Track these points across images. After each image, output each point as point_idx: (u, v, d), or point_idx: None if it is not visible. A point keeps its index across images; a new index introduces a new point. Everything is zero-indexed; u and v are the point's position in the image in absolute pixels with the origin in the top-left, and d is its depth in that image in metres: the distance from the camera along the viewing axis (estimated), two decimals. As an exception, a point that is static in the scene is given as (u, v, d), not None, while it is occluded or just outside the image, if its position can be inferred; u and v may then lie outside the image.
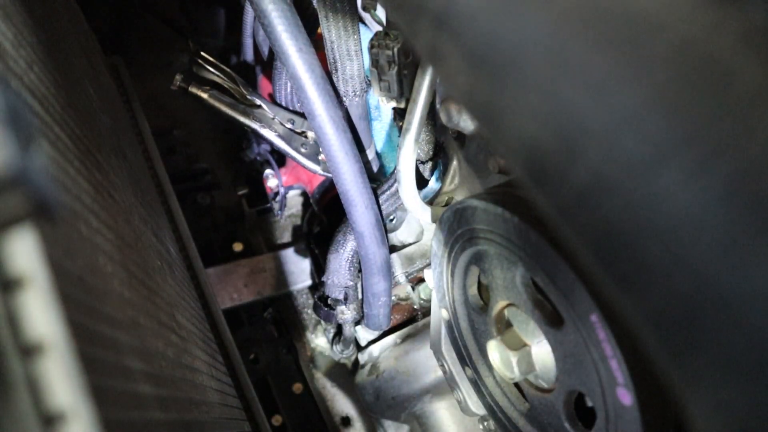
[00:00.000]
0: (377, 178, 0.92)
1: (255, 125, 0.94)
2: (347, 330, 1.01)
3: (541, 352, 0.57)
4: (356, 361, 1.09)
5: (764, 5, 0.25)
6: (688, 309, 0.25)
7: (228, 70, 0.91)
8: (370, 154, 0.87)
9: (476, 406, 0.75)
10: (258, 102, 0.91)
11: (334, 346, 1.09)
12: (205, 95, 0.88)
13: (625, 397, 0.45)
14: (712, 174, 0.23)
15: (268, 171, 1.16)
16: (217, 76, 0.90)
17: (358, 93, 0.74)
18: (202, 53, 0.90)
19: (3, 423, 0.24)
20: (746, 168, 0.23)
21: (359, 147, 0.83)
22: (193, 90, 0.89)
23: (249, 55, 1.16)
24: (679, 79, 0.25)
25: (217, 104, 0.89)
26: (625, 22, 0.26)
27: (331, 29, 0.72)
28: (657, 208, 0.25)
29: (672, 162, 0.24)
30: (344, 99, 0.79)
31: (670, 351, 0.26)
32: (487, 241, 0.56)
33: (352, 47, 0.72)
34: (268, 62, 1.10)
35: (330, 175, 0.83)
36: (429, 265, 0.75)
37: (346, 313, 0.96)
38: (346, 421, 1.16)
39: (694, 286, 0.24)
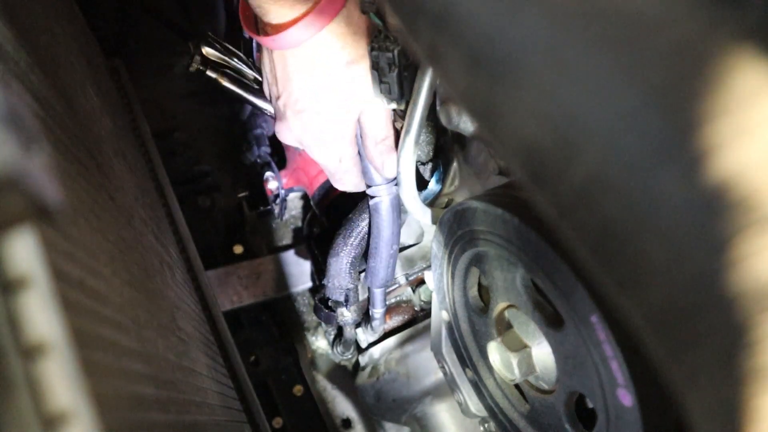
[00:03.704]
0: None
1: (268, 107, 0.94)
2: (348, 332, 1.01)
3: (542, 353, 0.57)
4: (357, 363, 1.08)
5: (762, 5, 0.25)
6: (688, 307, 0.25)
7: (239, 53, 0.91)
8: None
9: (477, 407, 0.75)
10: None
11: (334, 348, 1.09)
12: (221, 78, 0.89)
13: (626, 398, 0.45)
14: (710, 172, 0.23)
15: (268, 173, 1.16)
16: (229, 59, 0.90)
17: None
18: (213, 36, 0.90)
19: (3, 424, 0.24)
20: (743, 166, 0.23)
21: None
22: (210, 73, 0.89)
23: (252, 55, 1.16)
24: (677, 78, 0.25)
25: (232, 86, 0.89)
26: (623, 22, 0.26)
27: None
28: (655, 206, 0.25)
29: (670, 161, 0.24)
30: None
31: (669, 350, 0.26)
32: (487, 242, 0.56)
33: None
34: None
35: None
36: (429, 266, 0.75)
37: (346, 315, 0.96)
38: (347, 423, 1.16)
39: (693, 285, 0.24)
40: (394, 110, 0.78)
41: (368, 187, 0.84)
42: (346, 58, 0.72)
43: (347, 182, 0.84)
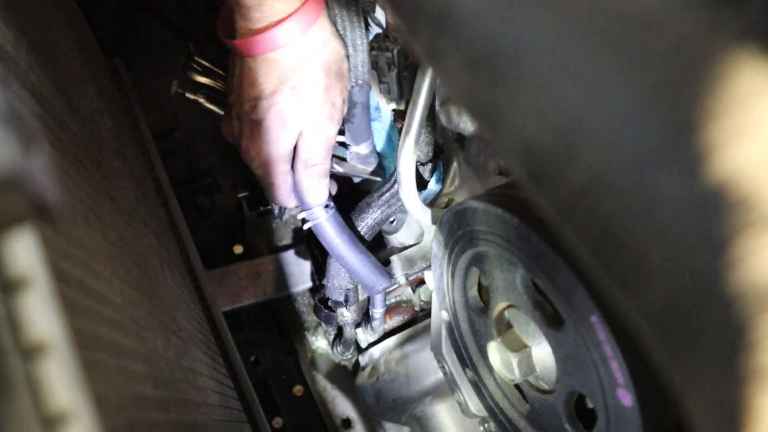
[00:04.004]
0: (377, 173, 0.93)
1: None
2: (348, 332, 1.01)
3: (542, 353, 0.57)
4: (357, 363, 1.08)
5: (762, 5, 0.25)
6: (688, 307, 0.25)
7: (222, 73, 0.92)
8: (368, 147, 0.89)
9: (477, 407, 0.75)
10: None
11: (334, 348, 1.09)
12: (201, 99, 0.90)
13: (626, 398, 0.45)
14: (710, 172, 0.23)
15: (268, 173, 1.16)
16: (212, 80, 0.91)
17: (360, 83, 0.80)
18: (197, 58, 0.92)
19: (3, 424, 0.24)
20: (743, 166, 0.23)
21: (358, 137, 0.86)
22: (190, 95, 0.90)
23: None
24: (677, 78, 0.25)
25: (214, 107, 0.90)
26: (622, 22, 0.26)
27: (342, 23, 0.77)
28: (655, 206, 0.25)
29: (670, 161, 0.24)
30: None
31: (669, 350, 0.26)
32: (487, 242, 0.56)
33: (358, 41, 0.77)
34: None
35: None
36: (429, 266, 0.75)
37: (346, 315, 0.96)
38: (347, 423, 1.16)
39: (693, 285, 0.24)
40: (394, 110, 0.78)
41: (302, 210, 0.85)
42: (293, 83, 0.74)
43: (272, 195, 0.86)
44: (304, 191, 0.83)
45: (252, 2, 0.70)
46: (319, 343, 1.20)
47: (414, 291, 1.00)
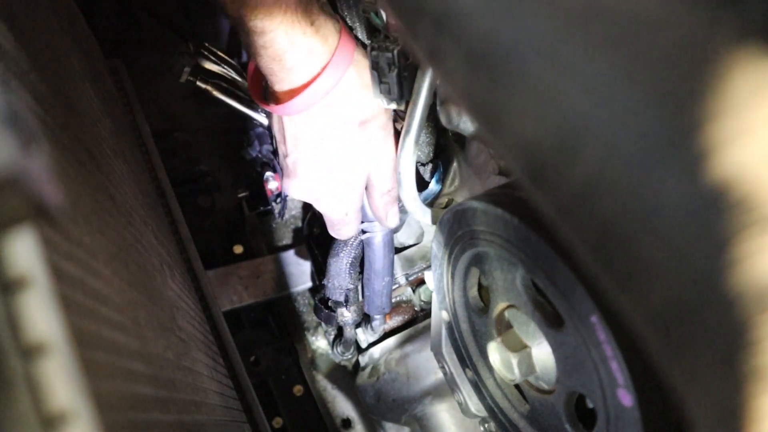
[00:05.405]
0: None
1: (261, 118, 0.95)
2: (348, 332, 1.01)
3: (542, 353, 0.57)
4: (357, 363, 1.08)
5: (762, 5, 0.25)
6: (688, 307, 0.25)
7: (232, 62, 0.92)
8: None
9: (477, 407, 0.75)
10: None
11: (334, 348, 1.09)
12: (212, 88, 0.90)
13: (626, 398, 0.45)
14: (710, 172, 0.23)
15: (268, 173, 1.16)
16: (222, 68, 0.91)
17: None
18: (208, 45, 0.91)
19: (3, 423, 0.24)
20: (743, 166, 0.23)
21: None
22: (201, 84, 0.90)
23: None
24: (677, 78, 0.25)
25: (224, 97, 0.90)
26: (623, 22, 0.26)
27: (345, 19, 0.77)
28: (655, 207, 0.25)
29: (670, 161, 0.24)
30: None
31: (670, 350, 0.26)
32: (487, 242, 0.56)
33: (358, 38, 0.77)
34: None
35: None
36: (429, 267, 0.75)
37: (346, 315, 0.96)
38: (347, 423, 1.15)
39: (694, 285, 0.24)
40: (394, 110, 0.78)
41: (362, 222, 0.86)
42: (359, 118, 0.73)
43: (346, 233, 0.86)
44: (382, 218, 0.84)
45: (281, 66, 0.68)
46: (319, 343, 1.20)
47: (414, 291, 1.00)
